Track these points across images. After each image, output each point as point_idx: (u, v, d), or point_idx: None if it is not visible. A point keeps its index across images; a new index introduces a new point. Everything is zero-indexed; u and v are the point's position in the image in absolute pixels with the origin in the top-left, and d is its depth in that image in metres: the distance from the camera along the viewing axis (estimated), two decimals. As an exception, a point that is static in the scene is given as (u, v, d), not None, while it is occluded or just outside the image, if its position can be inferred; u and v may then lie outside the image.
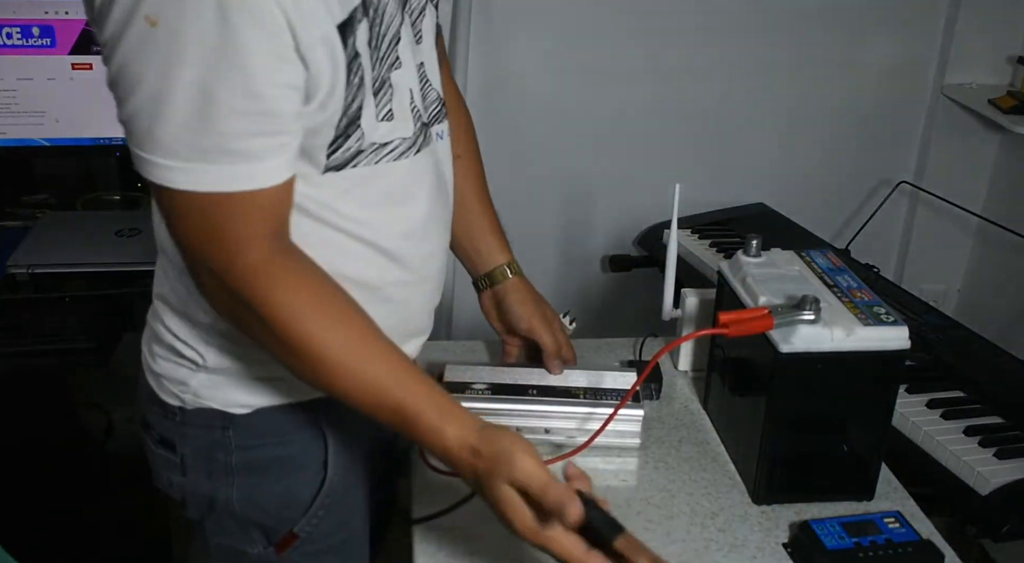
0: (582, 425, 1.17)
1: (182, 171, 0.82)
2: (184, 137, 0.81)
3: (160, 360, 1.05)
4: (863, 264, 2.01)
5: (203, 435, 1.04)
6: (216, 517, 1.07)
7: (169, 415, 1.05)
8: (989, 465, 1.38)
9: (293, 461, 1.05)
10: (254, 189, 0.84)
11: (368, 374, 0.91)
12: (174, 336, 1.02)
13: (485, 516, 1.09)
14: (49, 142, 1.87)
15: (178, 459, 1.06)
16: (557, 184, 2.40)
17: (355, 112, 0.90)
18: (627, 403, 1.15)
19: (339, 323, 0.91)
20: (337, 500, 1.08)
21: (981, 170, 2.49)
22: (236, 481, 1.04)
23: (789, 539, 1.08)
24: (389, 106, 0.94)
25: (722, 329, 1.06)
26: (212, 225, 0.85)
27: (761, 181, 2.43)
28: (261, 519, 1.06)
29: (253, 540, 1.07)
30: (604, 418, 1.15)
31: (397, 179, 0.98)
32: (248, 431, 1.03)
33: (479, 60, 2.21)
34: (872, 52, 2.39)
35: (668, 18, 2.26)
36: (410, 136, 0.97)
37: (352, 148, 0.92)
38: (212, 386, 1.02)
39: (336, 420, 1.06)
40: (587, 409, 1.18)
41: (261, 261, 0.87)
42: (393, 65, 0.94)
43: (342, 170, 0.93)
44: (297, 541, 1.07)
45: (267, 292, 0.87)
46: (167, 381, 1.04)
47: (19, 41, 1.80)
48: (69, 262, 1.68)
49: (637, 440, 1.19)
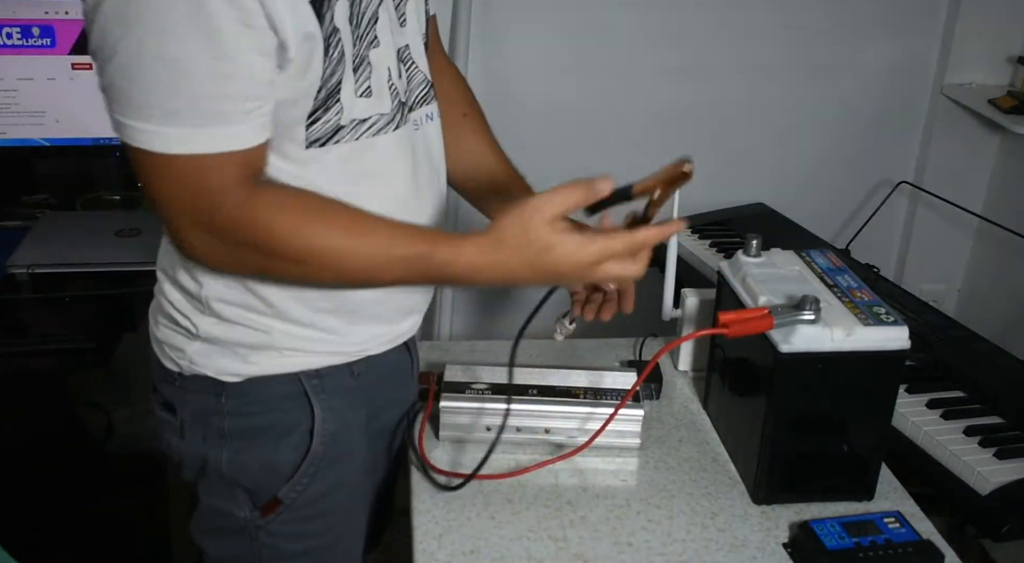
0: (582, 425, 1.17)
1: (158, 135, 0.87)
2: (158, 101, 0.85)
3: (162, 327, 1.10)
4: (863, 264, 2.01)
5: (199, 400, 1.09)
6: (208, 479, 1.12)
7: (170, 380, 1.10)
8: (989, 465, 1.38)
9: (280, 428, 1.09)
10: (229, 151, 0.88)
11: (373, 245, 0.96)
12: (171, 305, 1.07)
13: (485, 516, 1.10)
14: (49, 142, 1.87)
15: (178, 422, 1.11)
16: (557, 184, 2.40)
17: (335, 86, 0.95)
18: (627, 403, 1.15)
19: (329, 217, 0.95)
20: (322, 470, 1.11)
21: (981, 170, 2.49)
22: (227, 445, 1.09)
23: (789, 539, 1.08)
24: (368, 83, 0.99)
25: (722, 329, 1.06)
26: (191, 183, 0.89)
27: (761, 181, 2.42)
28: (247, 483, 1.10)
29: (240, 503, 1.11)
30: (604, 418, 1.15)
31: (378, 155, 1.02)
32: (240, 398, 1.07)
33: (479, 60, 2.21)
34: (872, 52, 2.39)
35: (668, 18, 2.26)
36: (388, 112, 1.02)
37: (332, 122, 0.96)
38: (206, 354, 1.07)
39: (323, 392, 1.09)
40: (587, 409, 1.18)
41: (243, 202, 0.91)
42: (371, 43, 0.98)
43: (325, 145, 0.97)
44: (281, 507, 1.11)
45: (256, 223, 0.92)
46: (167, 347, 1.09)
47: (19, 41, 1.79)
48: (69, 262, 1.68)
49: (637, 440, 1.19)
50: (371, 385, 1.14)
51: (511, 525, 1.08)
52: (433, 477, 1.14)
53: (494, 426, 1.17)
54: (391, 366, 1.17)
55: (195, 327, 1.06)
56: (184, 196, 0.90)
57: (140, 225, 1.81)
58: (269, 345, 1.06)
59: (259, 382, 1.07)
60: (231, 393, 1.07)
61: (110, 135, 1.86)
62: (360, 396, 1.13)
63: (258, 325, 1.05)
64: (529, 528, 1.08)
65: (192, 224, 0.92)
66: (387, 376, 1.17)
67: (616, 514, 1.11)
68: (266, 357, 1.06)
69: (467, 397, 1.18)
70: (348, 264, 0.95)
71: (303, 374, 1.08)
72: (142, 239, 1.75)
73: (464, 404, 1.18)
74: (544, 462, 1.16)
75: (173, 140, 0.87)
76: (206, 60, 0.84)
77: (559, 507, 1.12)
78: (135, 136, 0.88)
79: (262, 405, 1.08)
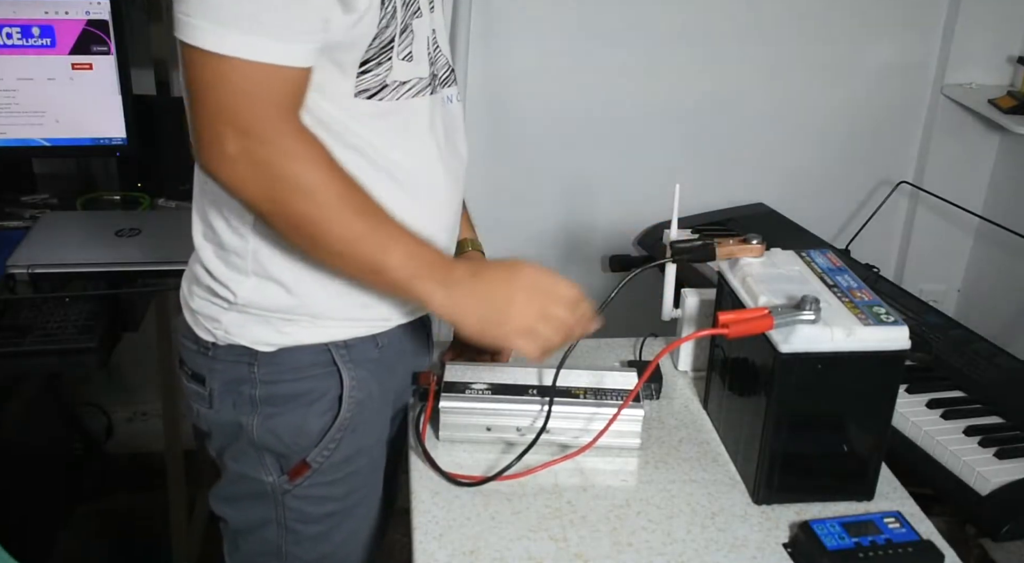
0: (584, 425, 1.17)
1: (221, 36, 0.92)
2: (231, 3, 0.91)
3: (197, 298, 1.14)
4: (863, 264, 2.02)
5: (231, 369, 1.13)
6: (238, 446, 1.16)
7: (202, 350, 1.14)
8: (989, 465, 1.38)
9: (310, 395, 1.13)
10: (282, 64, 0.94)
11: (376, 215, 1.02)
12: (210, 276, 1.11)
13: (485, 516, 1.10)
14: (49, 142, 1.87)
15: (207, 392, 1.15)
16: (557, 184, 2.40)
17: (387, 40, 1.02)
18: (628, 404, 1.15)
19: (350, 180, 1.01)
20: (347, 437, 1.15)
21: (981, 170, 2.49)
22: (258, 411, 1.13)
23: (789, 539, 1.08)
24: (410, 49, 1.06)
25: (722, 329, 1.06)
26: (241, 88, 0.94)
27: (761, 181, 2.43)
28: (277, 447, 1.14)
29: (268, 468, 1.15)
30: (606, 418, 1.15)
31: (413, 115, 1.09)
32: (272, 367, 1.12)
33: (479, 60, 2.21)
34: (872, 52, 2.39)
35: (668, 18, 2.27)
36: (426, 77, 1.10)
37: (381, 76, 1.04)
38: (241, 324, 1.11)
39: (350, 362, 1.14)
40: (588, 409, 1.18)
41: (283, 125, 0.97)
42: (415, 13, 1.06)
43: (371, 99, 1.04)
44: (309, 470, 1.15)
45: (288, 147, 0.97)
46: (202, 317, 1.13)
47: (19, 41, 1.80)
48: (69, 262, 1.68)
49: (637, 440, 1.19)
50: (391, 357, 1.18)
51: (511, 525, 1.08)
52: (446, 475, 1.14)
53: (494, 426, 1.17)
54: (410, 339, 1.22)
55: (234, 295, 1.09)
56: (230, 100, 0.94)
57: (140, 225, 1.81)
58: (302, 311, 1.10)
59: (291, 351, 1.11)
60: (264, 362, 1.11)
61: (110, 135, 1.88)
62: (383, 367, 1.18)
63: (294, 286, 1.09)
64: (529, 528, 1.08)
65: (231, 132, 0.95)
66: (406, 350, 1.22)
67: (616, 514, 1.11)
68: (299, 327, 1.11)
69: (467, 397, 1.18)
70: (348, 212, 1.00)
71: (332, 344, 1.12)
72: (142, 239, 1.75)
73: (464, 404, 1.18)
74: (548, 463, 1.16)
75: (237, 43, 0.92)
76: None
77: (559, 507, 1.12)
78: (196, 34, 0.92)
79: (294, 373, 1.12)
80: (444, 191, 1.16)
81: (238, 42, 0.92)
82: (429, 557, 1.04)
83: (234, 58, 0.93)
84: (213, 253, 1.11)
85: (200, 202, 1.12)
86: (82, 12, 1.80)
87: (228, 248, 1.09)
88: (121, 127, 1.88)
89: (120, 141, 1.88)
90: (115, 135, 1.88)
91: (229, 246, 1.09)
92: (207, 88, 0.95)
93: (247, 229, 1.07)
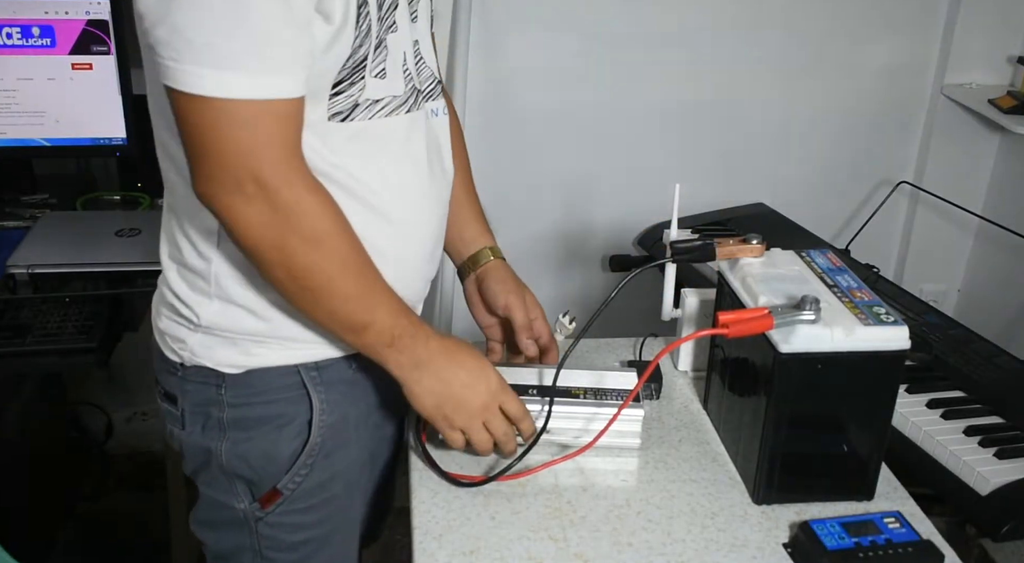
0: (584, 425, 1.17)
1: (216, 79, 0.88)
2: (219, 42, 0.86)
3: (164, 318, 1.11)
4: (863, 264, 2.01)
5: (199, 391, 1.10)
6: (208, 471, 1.13)
7: (172, 370, 1.11)
8: (989, 465, 1.38)
9: (280, 419, 1.10)
10: (278, 98, 0.91)
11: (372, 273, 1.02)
12: (175, 295, 1.08)
13: (485, 516, 1.10)
14: (49, 142, 1.87)
15: (179, 413, 1.12)
16: (557, 184, 2.40)
17: (360, 60, 0.98)
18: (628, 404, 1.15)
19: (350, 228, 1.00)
20: (320, 462, 1.12)
21: (981, 170, 2.49)
22: (226, 436, 1.10)
23: (789, 539, 1.08)
24: (383, 65, 1.01)
25: (722, 329, 1.06)
26: (240, 129, 0.90)
27: (761, 181, 2.43)
28: (247, 473, 1.11)
29: (239, 495, 1.13)
30: (605, 418, 1.15)
31: (389, 135, 1.04)
32: (240, 390, 1.08)
33: (479, 60, 2.21)
34: (872, 52, 2.39)
35: (668, 18, 2.27)
36: (401, 94, 1.05)
37: (353, 97, 0.99)
38: (207, 346, 1.07)
39: (321, 385, 1.10)
40: (588, 409, 1.18)
41: (284, 163, 0.93)
42: (390, 28, 1.01)
43: (344, 121, 1.00)
44: (280, 497, 1.12)
45: (290, 189, 0.94)
46: (169, 338, 1.10)
47: (19, 41, 1.80)
48: (69, 262, 1.68)
49: (637, 440, 1.19)
50: (370, 378, 1.15)
51: (511, 525, 1.08)
52: (446, 475, 1.14)
53: None
54: None
55: (197, 317, 1.06)
56: (241, 144, 0.91)
57: (140, 225, 1.81)
58: (271, 334, 1.07)
59: (259, 374, 1.08)
60: (231, 384, 1.08)
61: (110, 135, 1.88)
62: (359, 389, 1.15)
63: (261, 311, 1.05)
64: (529, 528, 1.08)
65: (246, 177, 0.92)
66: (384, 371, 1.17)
67: (616, 514, 1.11)
68: (267, 348, 1.07)
69: None
70: (350, 272, 0.99)
71: (302, 366, 1.09)
72: (142, 239, 1.75)
73: None
74: (549, 463, 1.16)
75: (244, 86, 0.88)
76: (270, 4, 0.87)
77: (559, 507, 1.12)
78: (196, 82, 0.88)
79: (262, 396, 1.09)
80: (424, 213, 1.12)
81: (245, 84, 0.89)
82: (429, 557, 1.04)
83: (241, 100, 0.89)
84: (177, 273, 1.08)
85: (168, 221, 1.09)
86: (82, 12, 1.80)
87: (192, 269, 1.06)
88: (121, 127, 1.88)
89: (120, 141, 1.88)
90: (115, 135, 1.88)
91: (193, 268, 1.06)
92: (215, 134, 0.91)
93: (212, 251, 1.04)
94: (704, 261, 1.22)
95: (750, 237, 1.20)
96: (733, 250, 1.19)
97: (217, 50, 0.87)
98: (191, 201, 0.98)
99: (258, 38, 0.88)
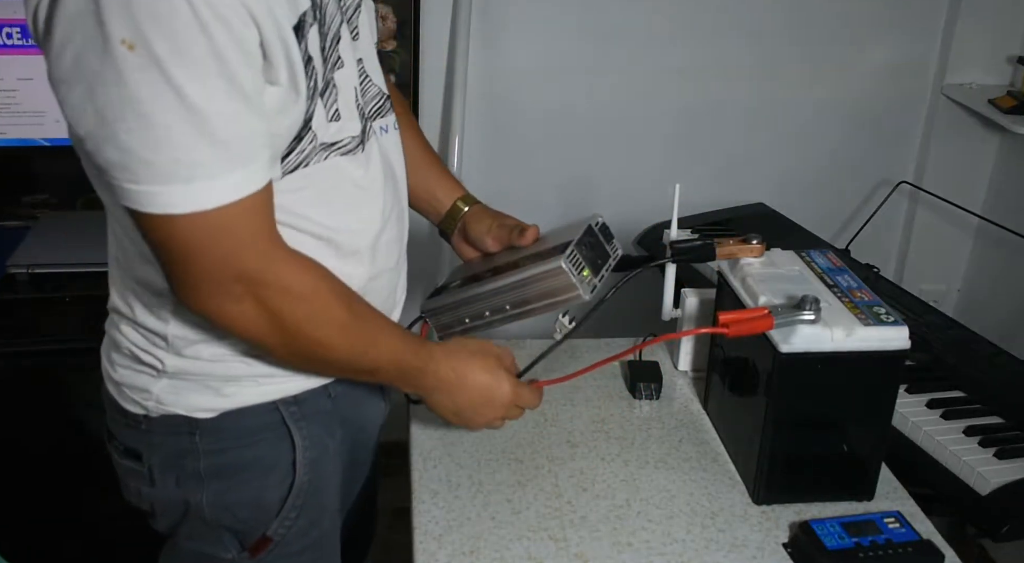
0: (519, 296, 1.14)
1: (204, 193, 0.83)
2: (185, 156, 0.80)
3: (120, 368, 1.04)
4: (863, 264, 2.01)
5: (170, 442, 1.02)
6: (188, 524, 1.06)
7: (133, 424, 1.03)
8: (989, 465, 1.38)
9: (262, 463, 1.04)
10: (249, 194, 0.85)
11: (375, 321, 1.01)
12: (131, 343, 1.01)
13: (485, 516, 1.10)
14: (49, 142, 1.87)
15: (145, 469, 1.04)
16: (557, 184, 2.40)
17: (309, 115, 0.92)
18: (550, 259, 1.11)
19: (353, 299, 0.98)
20: (308, 501, 1.07)
21: (981, 170, 2.49)
22: (206, 487, 1.03)
23: (789, 539, 1.08)
24: (336, 106, 0.95)
25: (722, 329, 1.06)
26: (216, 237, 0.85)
27: (761, 181, 2.43)
28: (233, 523, 1.05)
29: (226, 546, 1.06)
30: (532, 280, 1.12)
31: (347, 175, 0.99)
32: (215, 435, 1.02)
33: (479, 60, 2.21)
34: (872, 52, 2.39)
35: (668, 18, 2.26)
36: (357, 134, 0.99)
37: (306, 150, 0.93)
38: (175, 391, 1.01)
39: (301, 419, 1.05)
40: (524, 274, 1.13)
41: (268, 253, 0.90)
42: (336, 65, 0.95)
43: (294, 172, 0.94)
44: (271, 544, 1.06)
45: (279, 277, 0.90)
46: (128, 389, 1.03)
47: (19, 41, 1.80)
48: (69, 262, 1.68)
49: (577, 291, 1.12)
50: (345, 405, 1.11)
51: (511, 525, 1.08)
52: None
53: (472, 316, 1.17)
54: (363, 384, 1.12)
55: (161, 363, 1.00)
56: (223, 250, 0.86)
57: (140, 225, 1.80)
58: (245, 374, 1.01)
59: (234, 415, 1.02)
60: (205, 430, 1.01)
61: (110, 135, 1.88)
62: (336, 418, 1.10)
63: (231, 359, 1.00)
64: (529, 528, 1.08)
65: (232, 280, 0.88)
66: (360, 395, 1.14)
67: (616, 514, 1.11)
68: (241, 387, 1.01)
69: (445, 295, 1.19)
70: (351, 333, 0.97)
71: (281, 402, 1.03)
72: (142, 239, 1.75)
73: (445, 301, 1.19)
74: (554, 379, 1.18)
75: (220, 191, 0.83)
76: (225, 100, 0.80)
77: (559, 507, 1.12)
78: (165, 201, 0.82)
79: (240, 440, 1.03)
80: (388, 233, 1.07)
81: (217, 190, 0.83)
82: (429, 557, 1.04)
83: (214, 210, 0.83)
84: (131, 327, 1.01)
85: (114, 271, 1.02)
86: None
87: (147, 328, 1.00)
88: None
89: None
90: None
91: (148, 327, 0.99)
92: (193, 246, 0.85)
93: (167, 314, 0.98)
94: (704, 261, 1.22)
95: (750, 237, 1.20)
96: (733, 250, 1.19)
97: (182, 164, 0.81)
98: (140, 259, 0.94)
99: (223, 141, 0.82)
